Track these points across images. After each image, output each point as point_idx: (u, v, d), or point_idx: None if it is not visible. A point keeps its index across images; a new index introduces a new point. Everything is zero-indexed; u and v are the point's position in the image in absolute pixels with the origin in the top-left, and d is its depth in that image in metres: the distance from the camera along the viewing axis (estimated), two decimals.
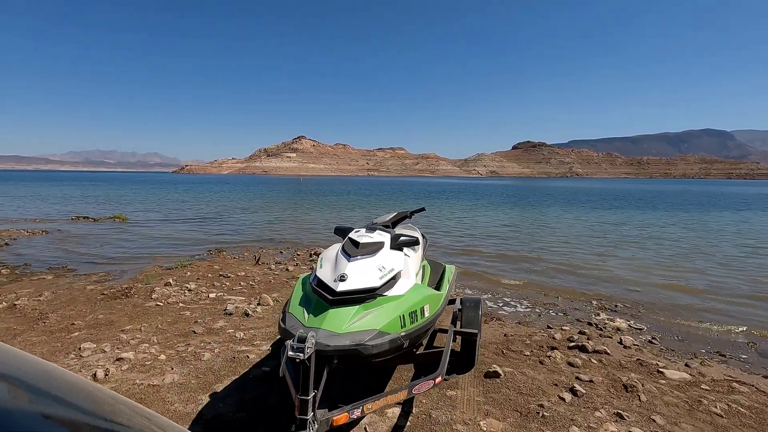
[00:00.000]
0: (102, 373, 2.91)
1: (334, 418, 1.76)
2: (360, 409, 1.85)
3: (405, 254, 2.41)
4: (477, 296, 4.87)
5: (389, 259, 2.22)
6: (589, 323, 4.47)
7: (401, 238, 2.42)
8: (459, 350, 3.13)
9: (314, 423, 1.66)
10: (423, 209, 3.27)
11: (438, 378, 2.14)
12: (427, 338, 3.50)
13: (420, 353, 2.76)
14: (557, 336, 3.93)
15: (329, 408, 1.84)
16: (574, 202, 26.58)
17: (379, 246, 2.27)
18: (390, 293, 2.09)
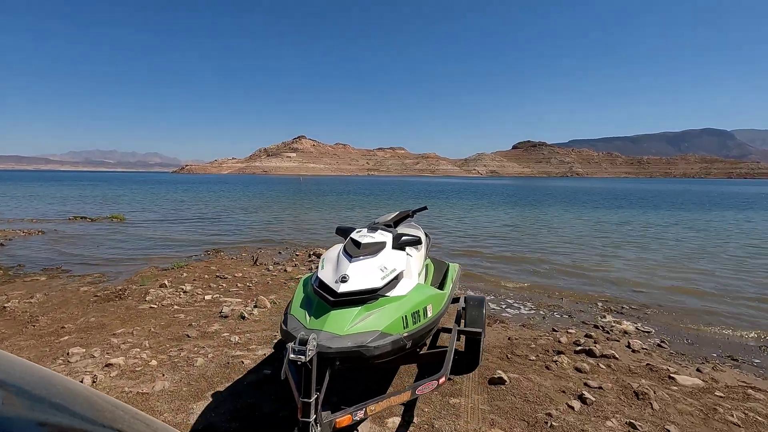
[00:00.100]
0: (89, 380, 2.79)
1: (337, 420, 1.76)
2: (363, 411, 1.84)
3: (407, 254, 2.38)
4: (481, 295, 4.78)
5: (391, 259, 2.18)
6: (596, 326, 4.34)
7: (403, 238, 2.38)
8: (463, 350, 3.09)
9: (317, 425, 1.65)
10: (425, 208, 3.22)
11: (442, 378, 2.10)
12: (431, 338, 3.42)
13: (423, 353, 2.73)
14: (563, 339, 3.81)
15: (332, 410, 1.83)
16: (575, 202, 26.45)
17: (381, 246, 2.23)
18: (392, 294, 2.06)
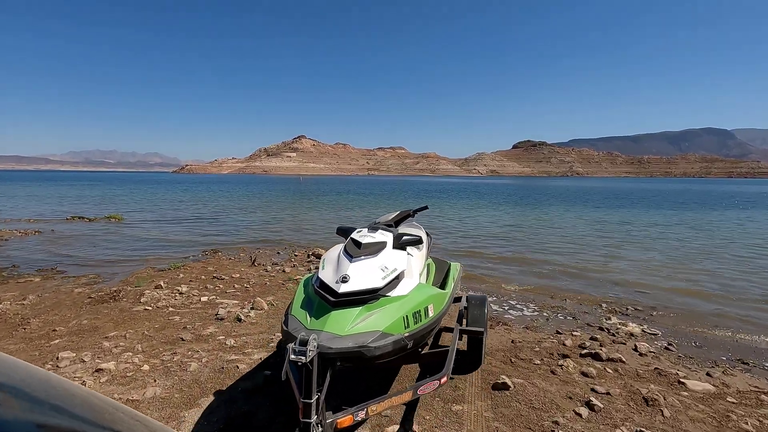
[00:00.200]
0: None
1: (339, 421, 1.76)
2: (364, 411, 1.83)
3: (408, 253, 2.34)
4: (483, 294, 4.71)
5: (392, 259, 2.15)
6: (601, 328, 4.24)
7: (404, 237, 2.34)
8: (465, 349, 3.06)
9: (318, 426, 1.64)
10: (426, 207, 3.15)
11: (444, 378, 2.09)
12: (432, 338, 3.35)
13: (425, 353, 2.70)
14: (568, 342, 3.71)
15: (333, 410, 1.83)
16: (576, 202, 26.33)
17: (382, 246, 2.20)
18: (393, 293, 2.04)
